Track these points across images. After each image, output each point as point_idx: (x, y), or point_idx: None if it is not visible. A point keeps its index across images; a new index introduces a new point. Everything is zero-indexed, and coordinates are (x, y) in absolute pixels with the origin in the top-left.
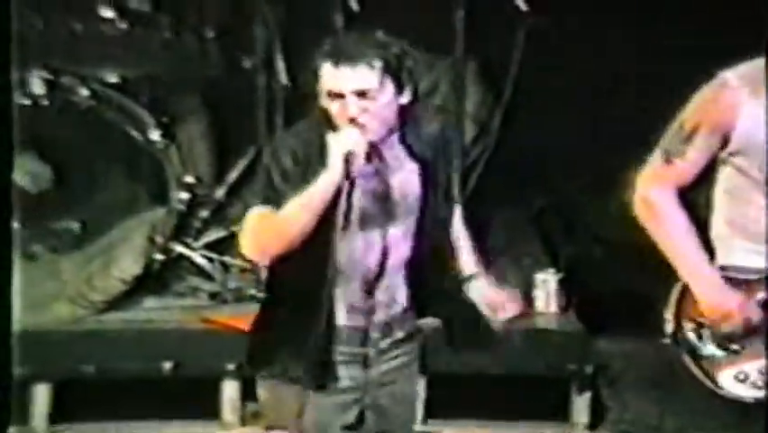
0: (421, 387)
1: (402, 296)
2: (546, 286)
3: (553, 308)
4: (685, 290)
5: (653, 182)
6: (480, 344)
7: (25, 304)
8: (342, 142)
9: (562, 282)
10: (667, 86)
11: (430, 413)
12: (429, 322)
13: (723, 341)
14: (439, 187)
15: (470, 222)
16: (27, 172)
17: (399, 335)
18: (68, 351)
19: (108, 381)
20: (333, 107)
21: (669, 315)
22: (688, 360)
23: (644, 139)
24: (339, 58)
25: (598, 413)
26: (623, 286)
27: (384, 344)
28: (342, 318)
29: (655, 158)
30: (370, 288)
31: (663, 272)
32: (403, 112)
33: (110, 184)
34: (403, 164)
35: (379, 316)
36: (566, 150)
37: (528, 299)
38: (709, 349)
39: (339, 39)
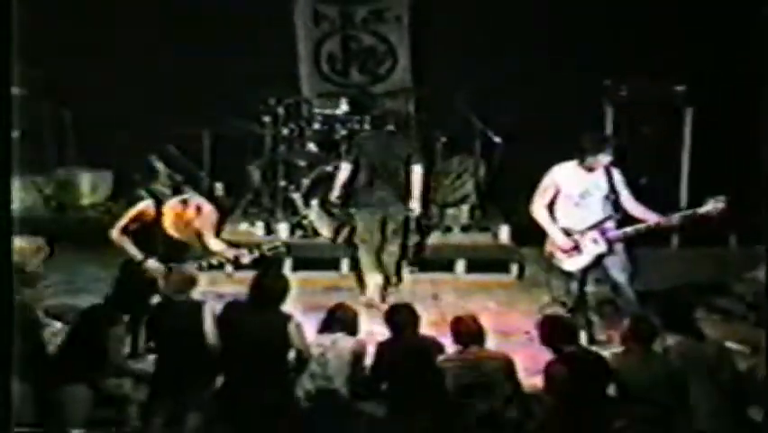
0: None
1: None
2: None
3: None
4: (551, 242)
5: (536, 203)
6: None
7: None
8: None
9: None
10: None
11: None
12: None
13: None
14: None
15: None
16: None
17: None
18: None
19: None
20: None
21: (547, 251)
22: (552, 262)
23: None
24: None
25: (522, 271)
26: (533, 232)
27: None
28: None
29: (536, 196)
30: None
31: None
32: None
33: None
34: None
35: None
36: (516, 191)
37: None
38: (557, 263)
39: None
